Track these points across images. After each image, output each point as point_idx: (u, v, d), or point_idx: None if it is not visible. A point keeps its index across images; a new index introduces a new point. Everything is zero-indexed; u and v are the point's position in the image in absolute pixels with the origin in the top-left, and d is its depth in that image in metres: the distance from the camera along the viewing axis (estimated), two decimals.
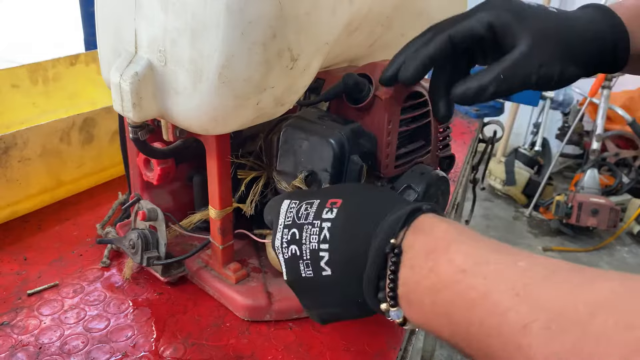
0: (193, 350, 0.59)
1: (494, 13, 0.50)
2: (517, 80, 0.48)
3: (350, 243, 0.42)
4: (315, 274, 0.43)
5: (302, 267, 0.44)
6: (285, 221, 0.46)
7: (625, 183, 2.88)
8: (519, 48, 0.48)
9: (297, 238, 0.45)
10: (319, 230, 0.43)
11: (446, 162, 0.70)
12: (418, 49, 0.51)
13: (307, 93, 0.67)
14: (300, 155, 0.58)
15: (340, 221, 0.43)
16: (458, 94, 0.50)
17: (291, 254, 0.45)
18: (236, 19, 0.47)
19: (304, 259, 0.44)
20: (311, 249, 0.43)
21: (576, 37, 0.50)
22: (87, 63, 1.15)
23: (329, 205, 0.44)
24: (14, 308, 0.64)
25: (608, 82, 2.68)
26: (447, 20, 0.53)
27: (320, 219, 0.44)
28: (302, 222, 0.45)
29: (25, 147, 0.77)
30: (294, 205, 0.47)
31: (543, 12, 0.51)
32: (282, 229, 0.46)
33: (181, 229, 0.69)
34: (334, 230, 0.43)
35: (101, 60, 0.60)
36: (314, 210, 0.45)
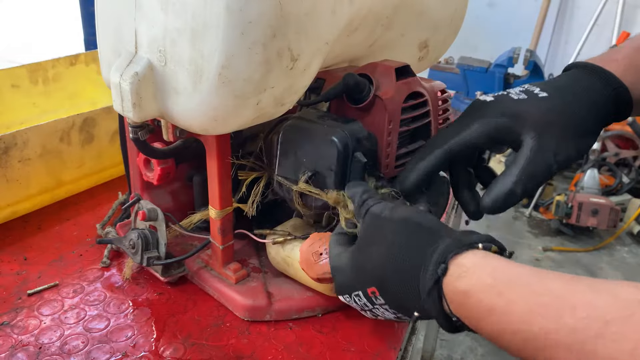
0: (193, 350, 0.59)
1: (488, 123, 0.51)
2: (540, 176, 0.50)
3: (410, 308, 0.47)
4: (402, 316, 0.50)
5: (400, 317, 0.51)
6: (357, 307, 0.53)
7: (625, 183, 2.87)
8: (527, 145, 0.49)
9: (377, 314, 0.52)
10: (384, 310, 0.50)
11: None
12: (417, 163, 0.55)
13: (307, 93, 0.67)
14: (302, 156, 0.58)
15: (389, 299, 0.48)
16: (488, 205, 0.52)
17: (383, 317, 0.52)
18: (236, 19, 0.47)
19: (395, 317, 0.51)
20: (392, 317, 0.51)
21: (579, 111, 0.51)
22: (87, 63, 1.15)
23: (370, 294, 0.49)
24: (14, 308, 0.64)
25: None
26: (445, 132, 0.55)
27: (377, 305, 0.50)
28: (368, 307, 0.51)
29: (26, 147, 0.77)
30: (348, 297, 0.52)
31: (535, 103, 0.51)
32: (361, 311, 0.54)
33: (181, 229, 0.69)
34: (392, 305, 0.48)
35: (101, 60, 0.60)
36: (365, 301, 0.50)
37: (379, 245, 0.48)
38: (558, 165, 0.50)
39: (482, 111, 0.52)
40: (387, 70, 0.59)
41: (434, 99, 0.64)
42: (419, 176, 0.55)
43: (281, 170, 0.61)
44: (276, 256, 0.66)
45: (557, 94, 0.52)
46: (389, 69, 0.59)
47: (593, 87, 0.52)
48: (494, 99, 0.53)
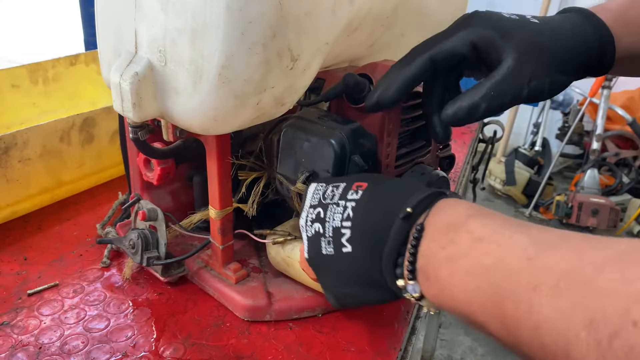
0: (193, 350, 0.59)
1: (475, 31, 0.50)
2: (509, 96, 0.48)
3: (373, 221, 0.43)
4: (335, 251, 0.45)
5: (324, 245, 0.46)
6: (311, 202, 0.48)
7: (625, 183, 2.88)
8: (506, 63, 0.48)
9: (321, 217, 0.46)
10: (342, 210, 0.45)
11: (446, 162, 0.70)
12: (399, 70, 0.51)
13: (307, 93, 0.67)
14: (301, 156, 0.58)
15: (364, 200, 0.44)
16: (449, 115, 0.50)
17: (314, 231, 0.47)
18: (236, 19, 0.47)
19: (326, 236, 0.46)
20: (334, 226, 0.45)
21: (561, 46, 0.50)
22: (87, 63, 1.15)
23: (354, 188, 0.46)
24: (14, 308, 0.64)
25: (608, 82, 2.68)
26: (429, 40, 0.52)
27: (346, 199, 0.45)
28: (328, 202, 0.47)
29: (26, 147, 0.77)
30: (321, 187, 0.49)
31: (525, 25, 0.50)
32: (308, 209, 0.48)
33: (181, 229, 0.69)
34: (357, 209, 0.44)
35: (101, 60, 0.60)
36: (339, 192, 0.47)
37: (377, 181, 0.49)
38: (529, 91, 0.48)
39: (472, 21, 0.51)
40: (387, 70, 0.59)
41: None
42: (400, 86, 0.51)
43: (281, 168, 0.61)
44: (276, 256, 0.66)
45: (548, 24, 0.51)
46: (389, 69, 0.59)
47: (583, 30, 0.51)
48: (486, 12, 0.52)
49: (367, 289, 0.46)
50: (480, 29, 0.50)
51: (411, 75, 0.51)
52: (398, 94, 0.51)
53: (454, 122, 0.50)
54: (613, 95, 2.88)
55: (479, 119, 0.50)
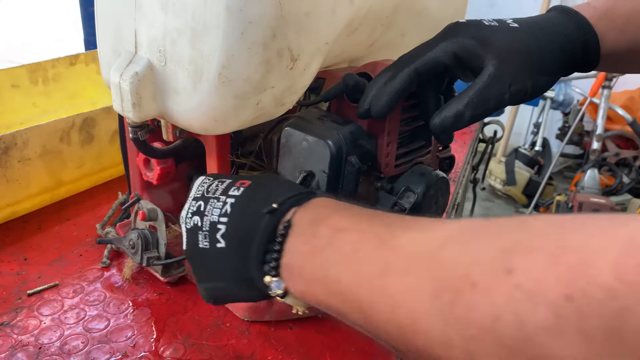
0: (193, 351, 0.59)
1: (456, 42, 0.51)
2: (491, 102, 0.50)
3: (246, 218, 0.44)
4: (210, 245, 0.45)
5: (201, 238, 0.46)
6: (195, 194, 0.48)
7: (625, 183, 2.87)
8: (487, 70, 0.50)
9: (201, 210, 0.46)
10: (222, 205, 0.45)
11: (446, 163, 0.70)
12: (386, 83, 0.53)
13: (307, 93, 0.67)
14: (299, 156, 0.58)
15: (243, 198, 0.45)
16: (437, 125, 0.51)
17: (193, 224, 0.47)
18: (236, 19, 0.47)
19: (204, 230, 0.46)
20: (211, 220, 0.45)
21: (543, 47, 0.51)
22: (87, 63, 1.15)
23: (238, 184, 0.46)
24: (14, 308, 0.64)
25: (608, 82, 2.68)
26: (413, 52, 0.54)
27: (227, 195, 0.46)
28: (210, 196, 0.47)
29: (25, 147, 0.77)
30: (208, 181, 0.49)
31: (504, 31, 0.51)
32: (191, 201, 0.48)
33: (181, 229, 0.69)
34: (235, 206, 0.45)
35: (101, 60, 0.60)
36: (223, 187, 0.47)
37: None
38: (510, 95, 0.50)
39: (452, 32, 0.52)
40: None
41: None
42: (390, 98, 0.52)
43: (280, 169, 0.61)
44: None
45: (527, 28, 0.52)
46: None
47: (564, 29, 0.52)
48: (466, 22, 0.53)
49: (239, 286, 0.46)
50: (461, 39, 0.51)
51: (399, 88, 0.52)
52: (388, 106, 0.53)
53: (441, 131, 0.52)
54: (613, 95, 2.88)
55: (465, 125, 0.51)
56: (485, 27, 0.52)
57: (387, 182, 0.59)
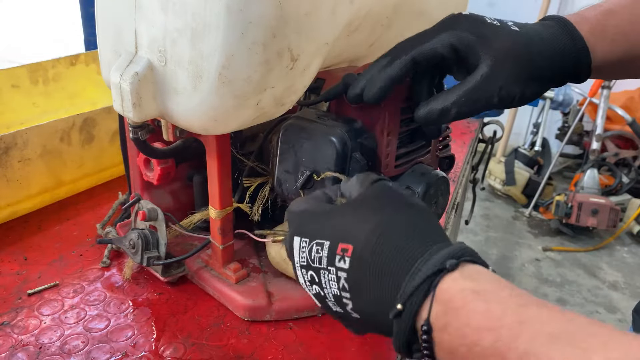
0: (193, 350, 0.59)
1: (456, 34, 0.51)
2: (479, 103, 0.50)
3: (370, 303, 0.39)
4: (345, 312, 0.42)
5: (331, 305, 0.43)
6: (300, 261, 0.44)
7: (625, 183, 2.88)
8: (481, 70, 0.49)
9: (317, 281, 0.42)
10: (336, 278, 0.40)
11: (446, 162, 0.70)
12: (382, 69, 0.52)
13: (307, 93, 0.67)
14: (301, 155, 0.58)
15: (354, 273, 0.39)
16: (421, 116, 0.51)
17: (316, 292, 0.43)
18: (236, 19, 0.47)
19: (330, 299, 0.42)
20: (334, 294, 0.41)
21: (537, 55, 0.51)
22: (87, 63, 1.15)
23: (340, 252, 0.40)
24: (14, 308, 0.64)
25: (608, 82, 2.68)
26: (412, 39, 0.53)
27: (335, 267, 0.40)
28: (317, 265, 0.42)
29: (26, 147, 0.77)
30: (305, 244, 0.43)
31: (505, 31, 0.51)
32: (300, 269, 0.44)
33: (181, 229, 0.69)
34: (351, 283, 0.40)
35: (101, 61, 0.61)
36: (325, 255, 0.41)
37: (379, 209, 0.42)
38: (499, 99, 0.50)
39: (453, 24, 0.52)
40: None
41: None
42: (384, 85, 0.51)
43: (281, 168, 0.61)
44: (276, 256, 0.66)
45: (526, 33, 0.52)
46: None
47: (561, 42, 0.52)
48: (469, 15, 0.53)
49: None
50: (461, 32, 0.51)
51: (394, 75, 0.51)
52: (382, 92, 0.52)
53: (425, 123, 0.52)
54: (613, 96, 2.88)
55: (449, 121, 0.51)
56: (487, 25, 0.51)
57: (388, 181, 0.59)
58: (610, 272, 2.52)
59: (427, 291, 0.35)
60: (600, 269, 2.55)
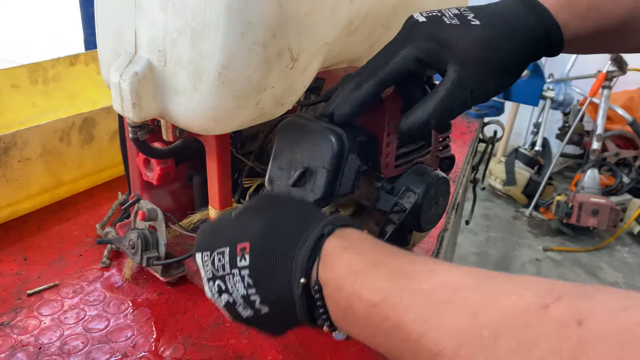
0: (193, 351, 0.59)
1: (417, 47, 0.51)
2: (455, 110, 0.51)
3: (274, 287, 0.43)
4: (255, 313, 0.45)
5: (241, 310, 0.45)
6: (206, 275, 0.47)
7: (625, 183, 2.87)
8: (449, 77, 0.50)
9: (224, 288, 0.46)
10: (240, 278, 0.44)
11: (446, 163, 0.70)
12: (351, 92, 0.53)
13: (307, 93, 0.67)
14: (297, 152, 0.57)
15: (255, 265, 0.43)
16: (404, 131, 0.52)
17: (226, 301, 0.46)
18: (236, 19, 0.47)
19: (239, 303, 0.45)
20: (242, 294, 0.44)
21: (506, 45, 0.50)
22: (87, 63, 1.15)
23: (239, 252, 0.44)
24: (13, 308, 0.64)
25: (608, 82, 2.68)
26: (376, 59, 0.54)
27: (237, 268, 0.44)
28: (222, 273, 0.45)
29: (25, 147, 0.77)
30: (207, 257, 0.47)
31: (466, 31, 0.51)
32: (208, 282, 0.47)
33: (181, 229, 0.69)
34: (254, 276, 0.43)
35: (101, 60, 0.60)
36: (227, 260, 0.45)
37: (265, 208, 0.48)
38: (473, 101, 0.51)
39: (412, 34, 0.52)
40: None
41: None
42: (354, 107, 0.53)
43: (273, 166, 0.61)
44: None
45: (489, 24, 0.51)
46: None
47: (527, 22, 0.51)
48: (426, 20, 0.52)
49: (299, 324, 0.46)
50: (421, 42, 0.51)
51: (363, 98, 0.53)
52: (352, 114, 0.54)
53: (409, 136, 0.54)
54: (613, 95, 2.88)
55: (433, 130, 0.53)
56: (446, 27, 0.51)
57: (387, 182, 0.59)
58: (610, 273, 2.52)
59: (314, 256, 0.41)
60: (601, 269, 2.55)
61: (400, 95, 0.58)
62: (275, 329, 0.47)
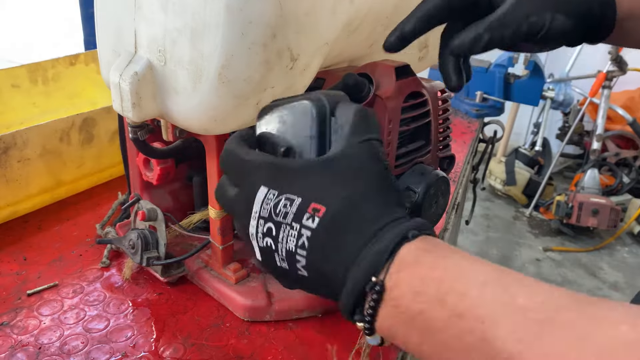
0: (193, 351, 0.59)
1: None
2: (510, 28, 0.52)
3: (329, 263, 0.40)
4: (291, 270, 0.42)
5: (278, 259, 0.42)
6: (260, 212, 0.43)
7: (625, 183, 2.87)
8: (509, 1, 0.53)
9: (273, 234, 0.42)
10: (297, 234, 0.40)
11: (446, 162, 0.70)
12: (416, 10, 0.55)
13: None
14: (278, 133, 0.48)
15: (320, 234, 0.40)
16: (456, 45, 0.53)
17: (266, 245, 0.43)
18: (236, 19, 0.47)
19: (280, 254, 0.42)
20: (287, 249, 0.41)
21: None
22: (87, 63, 1.15)
23: (310, 211, 0.40)
24: (13, 308, 0.64)
25: (608, 82, 2.68)
26: None
27: (300, 224, 0.40)
28: (280, 220, 0.41)
29: (25, 147, 0.77)
30: (272, 196, 0.42)
31: None
32: (258, 218, 0.43)
33: (181, 229, 0.69)
34: (313, 242, 0.40)
35: (101, 60, 0.60)
36: (293, 212, 0.41)
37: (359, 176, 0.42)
38: (528, 25, 0.52)
39: None
40: (387, 70, 0.59)
41: (434, 99, 0.64)
42: (419, 19, 0.54)
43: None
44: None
45: None
46: (389, 68, 0.59)
47: None
48: None
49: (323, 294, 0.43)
50: None
51: (429, 9, 0.54)
52: (417, 27, 0.54)
53: (459, 51, 0.53)
54: (613, 95, 2.88)
55: (481, 50, 0.53)
56: None
57: None
58: (610, 273, 2.52)
59: (388, 255, 0.37)
60: (601, 269, 2.55)
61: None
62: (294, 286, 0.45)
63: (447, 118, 0.67)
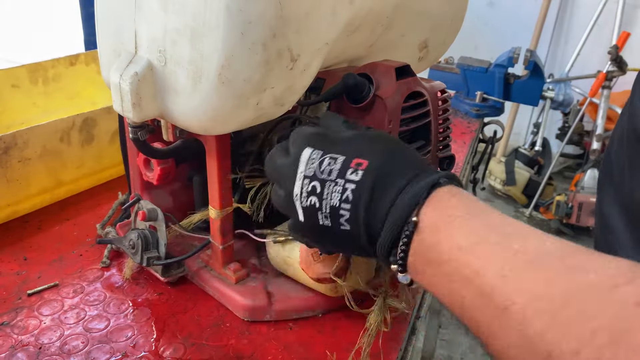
0: (193, 351, 0.59)
1: None
2: None
3: (371, 210, 0.43)
4: (333, 225, 0.45)
5: (321, 217, 0.45)
6: (306, 171, 0.46)
7: None
8: None
9: (318, 192, 0.45)
10: (342, 190, 0.44)
11: (446, 162, 0.70)
12: None
13: (307, 93, 0.67)
14: None
15: (364, 186, 0.43)
16: None
17: (310, 204, 0.46)
18: (236, 19, 0.47)
19: (324, 211, 0.45)
20: (332, 205, 0.44)
21: None
22: (87, 63, 1.15)
23: (353, 165, 0.44)
24: (14, 308, 0.64)
25: (608, 82, 2.68)
26: None
27: (345, 179, 0.44)
28: (325, 177, 0.45)
29: (26, 147, 0.77)
30: (316, 155, 0.46)
31: None
32: (303, 179, 0.46)
33: (181, 229, 0.69)
34: (357, 193, 0.43)
35: (101, 61, 0.60)
36: (337, 168, 0.45)
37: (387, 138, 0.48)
38: None
39: None
40: (387, 70, 0.59)
41: (434, 99, 0.64)
42: None
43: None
44: (276, 256, 0.66)
45: None
46: (389, 68, 0.59)
47: None
48: None
49: (361, 254, 0.47)
50: None
51: None
52: None
53: None
54: (613, 95, 2.88)
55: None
56: None
57: None
58: None
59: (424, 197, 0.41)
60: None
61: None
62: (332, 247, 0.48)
63: (447, 118, 0.68)
